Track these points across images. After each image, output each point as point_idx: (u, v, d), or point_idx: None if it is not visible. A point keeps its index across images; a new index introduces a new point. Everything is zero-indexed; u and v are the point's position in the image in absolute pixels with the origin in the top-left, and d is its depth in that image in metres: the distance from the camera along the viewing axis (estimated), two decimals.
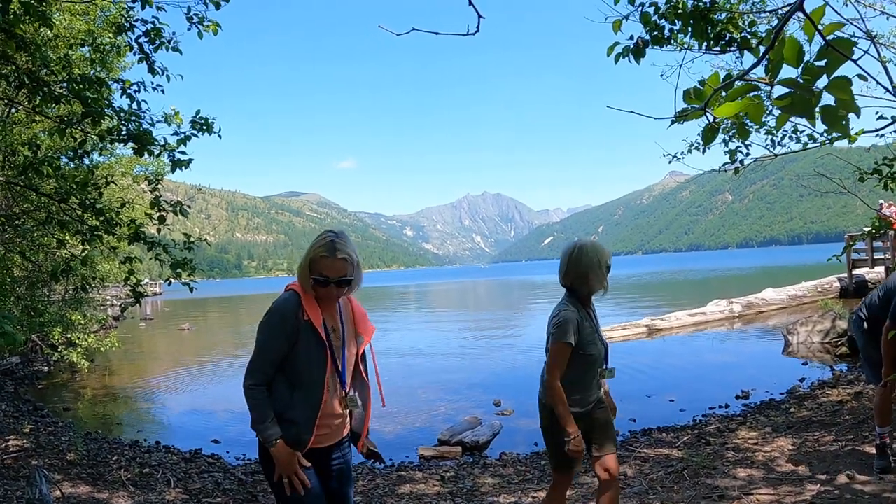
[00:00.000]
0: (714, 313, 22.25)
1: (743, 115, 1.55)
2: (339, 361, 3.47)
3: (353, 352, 3.58)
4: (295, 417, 3.36)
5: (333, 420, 3.49)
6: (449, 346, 20.32)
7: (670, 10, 5.60)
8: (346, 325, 3.58)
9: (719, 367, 14.19)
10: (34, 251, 13.11)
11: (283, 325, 3.36)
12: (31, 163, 7.17)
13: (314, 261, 3.38)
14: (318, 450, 3.47)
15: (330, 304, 3.50)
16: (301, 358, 3.37)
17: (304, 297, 3.41)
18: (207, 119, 7.58)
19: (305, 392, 3.37)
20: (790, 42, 1.49)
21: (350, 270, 3.38)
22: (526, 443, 9.11)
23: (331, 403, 3.44)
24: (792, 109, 1.51)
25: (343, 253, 3.34)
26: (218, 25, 7.58)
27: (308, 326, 3.37)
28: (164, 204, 7.62)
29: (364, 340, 3.63)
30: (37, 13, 6.26)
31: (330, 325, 3.48)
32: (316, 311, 3.41)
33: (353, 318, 3.65)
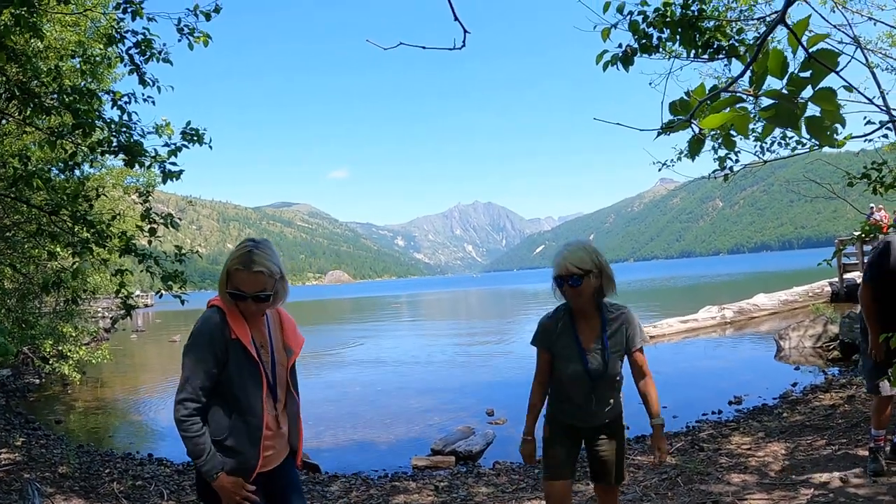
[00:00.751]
0: (706, 319, 22.29)
1: (729, 125, 1.55)
2: (271, 379, 3.27)
3: (284, 366, 3.39)
4: (237, 444, 3.15)
5: (276, 440, 3.31)
6: (441, 356, 20.30)
7: (658, 18, 5.62)
8: (274, 339, 3.38)
9: (712, 373, 14.20)
10: (25, 263, 13.08)
11: (211, 346, 3.11)
12: (22, 175, 7.15)
13: (230, 274, 3.17)
14: (265, 473, 3.29)
15: (256, 319, 3.29)
16: (234, 380, 3.15)
17: (229, 314, 3.19)
18: (198, 130, 7.58)
19: (244, 416, 3.16)
20: (774, 53, 1.49)
21: (270, 284, 3.15)
22: None
23: (271, 424, 3.26)
24: (777, 121, 1.52)
25: (260, 266, 3.11)
26: (208, 37, 7.59)
27: (237, 345, 3.15)
28: (154, 216, 7.61)
29: (294, 353, 3.44)
30: (28, 24, 6.27)
31: (259, 341, 3.27)
32: (243, 327, 3.19)
33: (281, 330, 3.46)
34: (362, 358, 21.46)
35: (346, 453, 9.73)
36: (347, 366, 19.82)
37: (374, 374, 17.41)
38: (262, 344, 3.29)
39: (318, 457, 9.60)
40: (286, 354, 3.41)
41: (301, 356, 3.57)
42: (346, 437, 10.57)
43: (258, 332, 3.29)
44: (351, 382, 16.10)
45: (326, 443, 10.32)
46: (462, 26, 1.76)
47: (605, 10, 5.42)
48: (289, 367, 3.42)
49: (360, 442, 10.29)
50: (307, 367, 20.28)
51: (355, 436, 10.63)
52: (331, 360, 21.82)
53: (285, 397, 3.40)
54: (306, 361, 21.71)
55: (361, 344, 25.91)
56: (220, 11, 7.49)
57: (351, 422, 11.54)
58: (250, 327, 3.24)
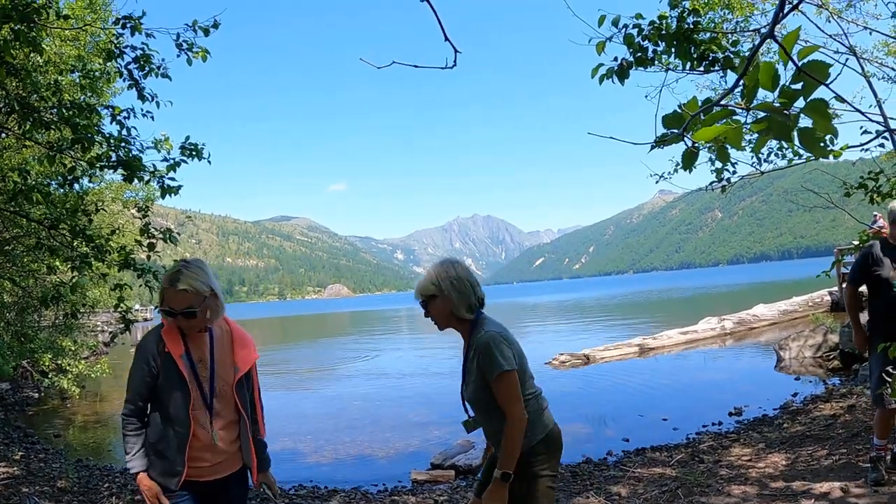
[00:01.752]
0: (706, 331, 22.28)
1: (722, 138, 1.55)
2: (206, 394, 3.43)
3: (227, 383, 3.51)
4: (165, 450, 3.38)
5: (211, 454, 3.46)
6: (441, 369, 20.19)
7: (653, 31, 5.64)
8: (217, 355, 3.51)
9: (712, 384, 14.19)
10: (24, 277, 13.07)
11: (146, 357, 3.38)
12: (22, 189, 7.16)
13: (162, 292, 3.38)
14: (204, 483, 3.49)
15: (197, 335, 3.46)
16: (163, 391, 3.38)
17: (165, 329, 3.42)
18: (197, 145, 7.60)
19: (173, 425, 3.38)
20: (765, 66, 1.49)
21: (196, 301, 3.31)
22: None
23: (203, 436, 3.41)
24: (770, 133, 1.52)
25: (184, 284, 3.28)
26: (207, 52, 7.61)
27: (168, 358, 3.37)
28: (153, 231, 7.62)
29: (239, 370, 3.55)
30: (27, 39, 6.28)
31: (196, 356, 3.44)
32: (176, 342, 3.40)
33: (229, 347, 3.59)
34: (362, 371, 21.43)
35: (345, 467, 9.72)
36: (347, 379, 19.80)
37: (373, 387, 17.38)
38: (200, 359, 3.46)
39: (317, 471, 9.59)
40: (232, 371, 3.53)
41: (301, 370, 3.63)
42: (345, 451, 10.55)
43: (197, 348, 3.47)
44: (350, 396, 16.08)
45: (326, 457, 10.30)
46: (453, 46, 1.77)
47: (601, 24, 5.44)
48: (233, 383, 3.52)
49: (359, 456, 10.27)
50: (307, 381, 20.28)
51: (354, 450, 10.61)
52: (330, 373, 21.82)
53: (234, 414, 3.55)
54: (306, 375, 21.70)
55: (361, 358, 25.89)
56: (218, 27, 7.51)
57: (350, 435, 11.53)
58: (190, 343, 3.45)
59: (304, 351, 32.92)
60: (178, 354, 3.37)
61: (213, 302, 3.40)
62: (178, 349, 3.38)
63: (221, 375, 3.49)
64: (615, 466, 8.22)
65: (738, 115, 1.58)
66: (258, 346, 3.72)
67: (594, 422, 11.22)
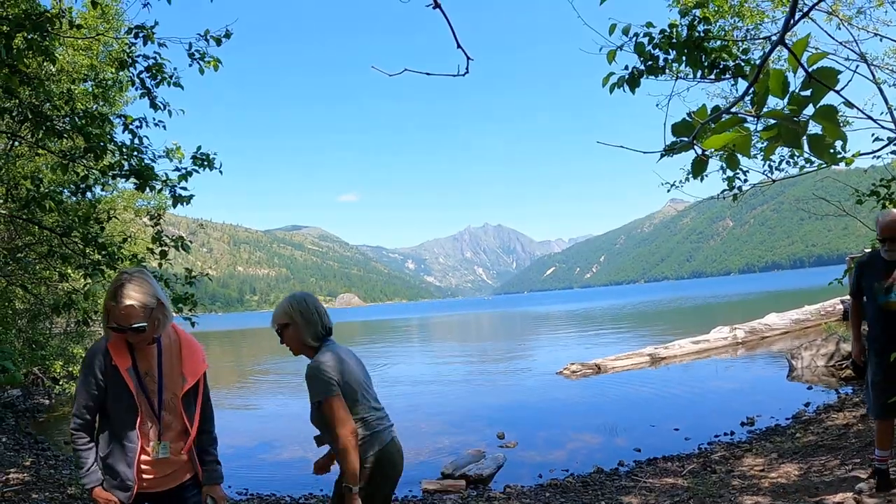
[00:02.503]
0: (717, 340, 22.17)
1: (731, 146, 1.55)
2: (154, 407, 3.37)
3: (175, 395, 3.44)
4: (115, 464, 3.32)
5: (161, 466, 3.42)
6: (451, 378, 20.21)
7: (664, 40, 5.63)
8: (165, 366, 3.43)
9: (724, 394, 14.12)
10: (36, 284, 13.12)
11: (92, 371, 3.31)
12: (34, 197, 7.20)
13: (105, 307, 3.29)
14: (157, 493, 3.46)
15: (144, 347, 3.38)
16: (111, 405, 3.32)
17: (111, 342, 3.34)
18: (209, 155, 7.63)
19: (121, 439, 3.32)
20: (775, 74, 1.49)
21: (141, 316, 3.20)
22: (530, 475, 9.05)
23: (153, 450, 3.37)
24: (779, 140, 1.53)
25: (129, 299, 3.18)
26: (219, 61, 7.65)
27: (115, 371, 3.30)
28: (165, 239, 7.65)
29: (188, 382, 3.46)
30: (40, 48, 6.32)
31: (144, 368, 3.37)
32: (123, 355, 3.33)
33: (178, 357, 3.50)
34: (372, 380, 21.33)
35: None
36: None
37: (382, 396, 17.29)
38: (147, 371, 3.39)
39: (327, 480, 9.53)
40: (180, 382, 3.46)
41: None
42: None
43: (144, 360, 3.40)
44: None
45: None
46: (465, 53, 1.77)
47: (611, 33, 5.44)
48: (181, 395, 3.45)
49: None
50: None
51: None
52: None
53: (184, 424, 3.48)
54: None
55: (372, 366, 25.83)
56: (230, 37, 7.56)
57: None
58: (137, 354, 3.38)
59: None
60: (125, 368, 3.31)
61: (160, 313, 3.31)
62: (125, 362, 3.32)
63: (169, 387, 3.42)
64: (627, 476, 8.19)
65: (747, 122, 1.58)
66: (268, 355, 3.72)
67: (605, 431, 11.18)
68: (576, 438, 10.95)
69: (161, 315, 3.32)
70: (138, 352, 3.37)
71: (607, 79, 5.52)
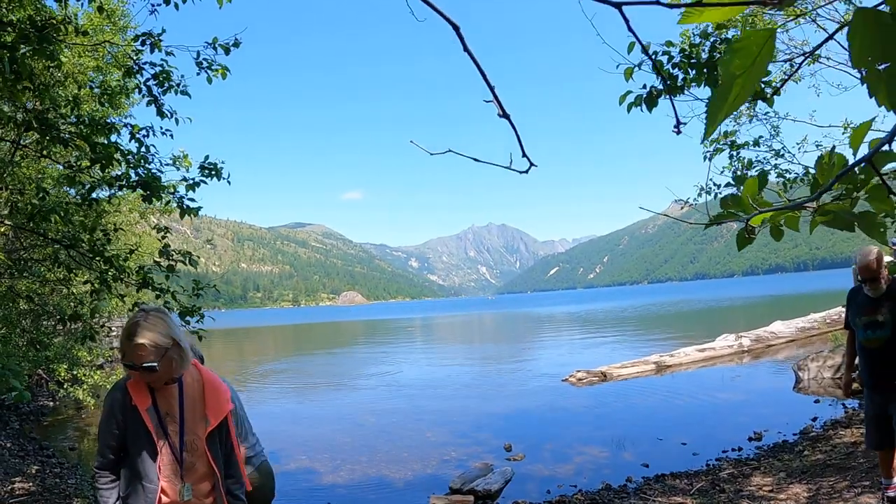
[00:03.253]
0: (723, 348, 22.10)
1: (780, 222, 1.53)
2: (176, 449, 3.30)
3: (198, 436, 3.36)
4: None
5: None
6: (456, 385, 20.16)
7: (684, 59, 5.56)
8: (187, 408, 3.35)
9: (731, 405, 14.05)
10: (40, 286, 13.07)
11: (112, 411, 3.27)
12: (40, 209, 7.13)
13: (121, 344, 3.23)
14: None
15: (164, 387, 3.32)
16: (131, 445, 3.27)
17: (131, 382, 3.28)
18: (216, 164, 7.56)
19: (141, 480, 3.26)
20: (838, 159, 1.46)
21: (156, 355, 3.13)
22: (538, 490, 9.00)
23: (172, 493, 3.29)
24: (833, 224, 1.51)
25: (142, 338, 3.11)
26: (227, 69, 7.58)
27: (135, 412, 3.25)
28: (173, 253, 7.58)
29: (211, 423, 3.38)
30: (45, 53, 6.26)
31: (164, 409, 3.31)
32: (143, 395, 3.27)
33: (200, 397, 3.42)
34: (376, 386, 21.35)
35: (362, 490, 9.62)
36: (361, 394, 19.71)
37: (388, 403, 17.28)
38: (167, 412, 3.32)
39: (334, 493, 9.52)
40: (203, 424, 3.38)
41: (315, 382, 3.55)
42: (362, 472, 10.45)
43: (165, 400, 3.33)
44: (365, 412, 15.97)
45: (342, 478, 10.22)
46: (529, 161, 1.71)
47: (630, 51, 5.36)
48: (205, 436, 3.37)
49: (376, 477, 10.16)
50: (322, 394, 20.20)
51: (371, 471, 10.50)
52: (344, 387, 21.75)
53: (208, 467, 3.39)
54: (321, 388, 21.66)
55: (376, 370, 25.81)
56: (239, 46, 7.50)
57: (367, 455, 11.42)
58: (158, 395, 3.31)
59: (318, 360, 32.88)
60: (144, 408, 3.25)
61: (176, 353, 3.21)
62: (145, 402, 3.26)
63: (192, 429, 3.34)
64: (635, 494, 8.12)
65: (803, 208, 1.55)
66: (273, 354, 3.65)
67: (613, 444, 11.11)
68: (583, 451, 10.89)
69: (177, 356, 3.21)
70: (158, 392, 3.31)
71: (624, 97, 5.44)
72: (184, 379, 3.38)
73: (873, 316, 5.69)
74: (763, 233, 1.77)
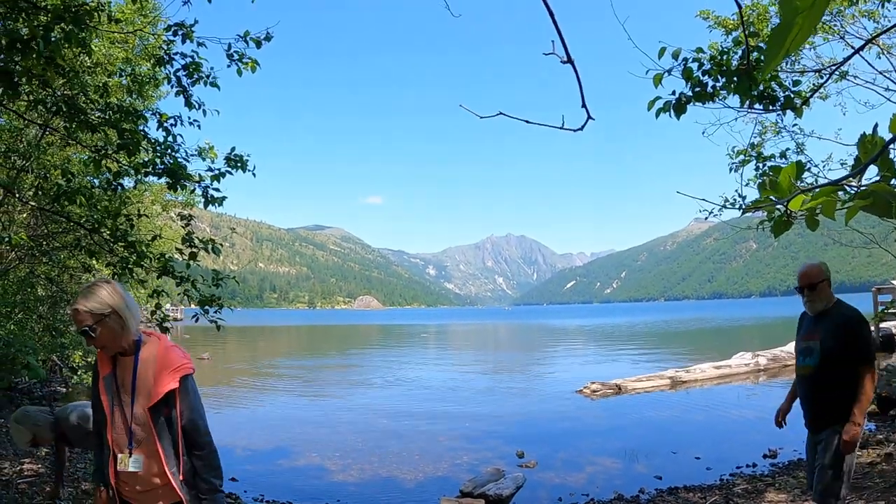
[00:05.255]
0: (739, 366, 21.97)
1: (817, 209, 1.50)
2: (127, 419, 3.30)
3: (144, 410, 3.29)
4: (100, 463, 3.43)
5: (133, 479, 3.33)
6: (471, 392, 20.16)
7: (714, 66, 5.51)
8: (140, 380, 3.32)
9: (745, 422, 13.94)
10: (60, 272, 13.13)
11: (93, 374, 3.51)
12: (65, 191, 7.17)
13: None
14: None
15: (122, 358, 3.37)
16: (95, 411, 3.44)
17: (99, 352, 3.41)
18: (242, 156, 7.58)
19: (101, 441, 3.40)
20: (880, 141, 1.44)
21: (90, 320, 3.18)
22: (550, 498, 8.94)
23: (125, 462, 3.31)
24: (872, 209, 1.49)
25: (78, 303, 3.20)
26: (256, 63, 7.60)
27: (97, 377, 3.41)
28: (196, 241, 7.60)
29: (152, 398, 3.27)
30: (77, 40, 6.29)
31: (121, 379, 3.35)
32: (105, 364, 3.39)
33: (153, 372, 3.33)
34: (389, 388, 21.42)
35: (373, 490, 9.58)
36: (375, 396, 19.71)
37: (401, 405, 17.26)
38: (122, 383, 3.36)
39: (344, 490, 9.50)
40: (149, 398, 3.30)
41: (329, 382, 3.51)
42: (373, 472, 10.42)
43: (122, 371, 3.37)
44: (378, 413, 15.96)
45: (353, 476, 10.20)
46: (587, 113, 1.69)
47: (660, 56, 5.31)
48: (148, 409, 3.28)
49: (387, 478, 10.13)
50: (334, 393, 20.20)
51: (382, 471, 10.48)
52: (357, 388, 21.78)
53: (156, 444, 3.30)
54: (333, 387, 21.68)
55: (388, 373, 25.82)
56: (270, 39, 7.52)
57: (378, 455, 11.39)
58: (118, 365, 3.38)
59: (332, 361, 32.94)
60: (103, 375, 3.37)
61: (114, 321, 3.23)
62: (105, 370, 3.37)
63: (140, 401, 3.30)
64: None
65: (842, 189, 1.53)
66: (287, 353, 3.62)
67: (626, 456, 11.03)
68: (596, 461, 10.81)
69: (116, 324, 3.25)
70: (119, 363, 3.37)
71: (653, 103, 5.39)
72: (141, 353, 3.38)
73: (808, 341, 5.18)
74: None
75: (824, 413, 5.05)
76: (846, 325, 4.98)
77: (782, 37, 1.05)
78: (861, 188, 1.49)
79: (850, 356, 4.91)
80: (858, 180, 1.50)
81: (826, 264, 5.22)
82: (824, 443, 5.00)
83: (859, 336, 4.95)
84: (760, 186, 1.68)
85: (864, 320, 5.05)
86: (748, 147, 8.92)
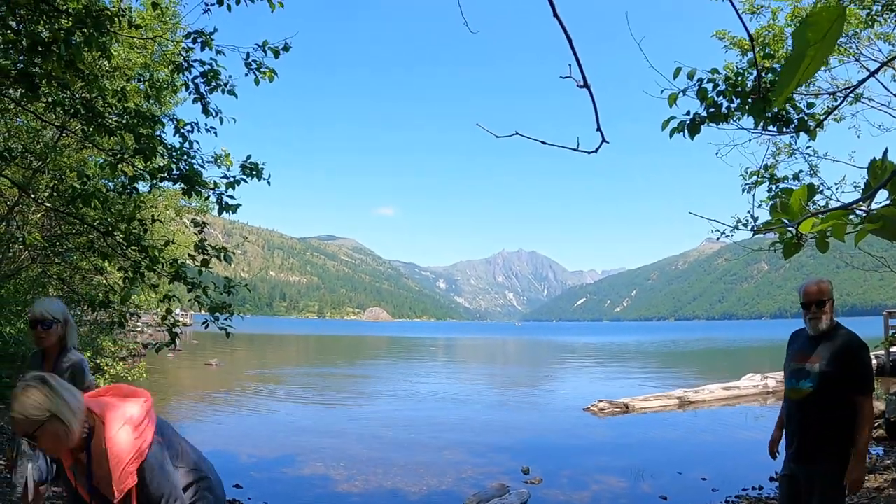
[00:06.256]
0: (748, 388, 21.86)
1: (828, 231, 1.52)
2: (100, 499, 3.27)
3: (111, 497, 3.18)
4: None
5: None
6: (477, 406, 20.12)
7: (730, 87, 5.52)
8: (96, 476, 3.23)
9: (752, 444, 13.84)
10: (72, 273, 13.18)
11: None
12: (80, 193, 7.22)
13: None
14: None
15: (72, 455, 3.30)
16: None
17: None
18: (257, 164, 7.62)
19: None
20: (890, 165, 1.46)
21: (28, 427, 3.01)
22: None
23: None
24: (882, 233, 1.50)
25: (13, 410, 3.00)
26: (274, 72, 7.65)
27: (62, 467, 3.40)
28: (209, 248, 7.64)
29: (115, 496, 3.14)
30: (98, 44, 6.35)
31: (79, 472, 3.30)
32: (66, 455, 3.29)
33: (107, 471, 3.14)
34: (396, 400, 21.42)
35: (376, 501, 9.56)
36: (381, 407, 19.70)
37: (407, 417, 17.25)
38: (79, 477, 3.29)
39: (348, 501, 9.49)
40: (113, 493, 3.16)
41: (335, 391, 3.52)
42: (377, 484, 10.41)
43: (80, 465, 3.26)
44: (384, 425, 15.95)
45: (357, 487, 10.19)
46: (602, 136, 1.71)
47: (676, 76, 5.33)
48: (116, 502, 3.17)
49: (391, 490, 10.10)
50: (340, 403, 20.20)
51: (387, 482, 10.46)
52: (364, 398, 21.79)
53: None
54: (340, 397, 21.69)
55: (396, 385, 25.88)
56: (289, 49, 7.56)
57: (383, 466, 11.38)
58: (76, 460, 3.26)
59: (340, 371, 32.96)
60: (67, 466, 3.28)
61: (55, 426, 3.04)
62: (67, 462, 3.27)
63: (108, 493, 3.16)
64: None
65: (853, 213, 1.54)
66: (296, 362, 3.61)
67: (632, 475, 10.99)
68: (601, 480, 10.78)
69: (59, 429, 3.06)
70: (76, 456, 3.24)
71: (667, 123, 5.40)
72: (92, 447, 3.21)
73: (803, 363, 4.84)
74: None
75: (819, 443, 4.68)
76: (848, 349, 4.69)
77: (794, 67, 1.08)
78: (871, 212, 1.50)
79: (848, 383, 4.63)
80: (868, 204, 1.51)
81: (831, 283, 5.03)
82: (821, 477, 4.63)
83: (861, 363, 4.69)
84: (772, 208, 1.70)
85: (865, 346, 4.77)
86: (761, 168, 8.94)
